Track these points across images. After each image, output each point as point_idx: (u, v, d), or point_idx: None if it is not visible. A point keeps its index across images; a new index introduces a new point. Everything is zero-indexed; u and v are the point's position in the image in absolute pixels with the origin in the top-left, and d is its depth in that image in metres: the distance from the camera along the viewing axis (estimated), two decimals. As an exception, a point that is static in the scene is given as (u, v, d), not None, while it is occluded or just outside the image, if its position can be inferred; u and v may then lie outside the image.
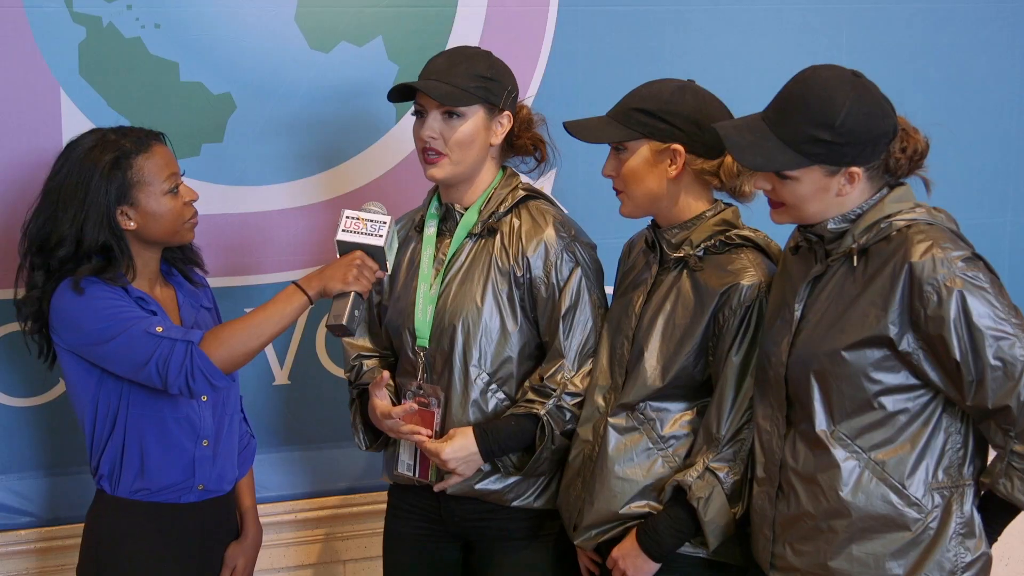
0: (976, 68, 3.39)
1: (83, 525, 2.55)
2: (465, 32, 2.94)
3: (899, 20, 3.29)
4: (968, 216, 2.19)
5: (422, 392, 2.51)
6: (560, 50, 3.02)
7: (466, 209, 2.53)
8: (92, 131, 2.44)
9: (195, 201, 2.46)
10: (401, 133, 2.96)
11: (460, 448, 2.45)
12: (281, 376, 2.98)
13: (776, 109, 2.13)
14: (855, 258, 2.11)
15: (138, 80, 2.73)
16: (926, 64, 3.31)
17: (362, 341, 2.66)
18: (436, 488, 2.52)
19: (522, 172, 2.60)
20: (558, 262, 2.45)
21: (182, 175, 2.45)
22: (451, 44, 2.93)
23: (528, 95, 2.89)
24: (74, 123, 2.66)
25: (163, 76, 2.74)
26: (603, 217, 2.69)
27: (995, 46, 3.40)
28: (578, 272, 2.46)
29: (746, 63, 3.13)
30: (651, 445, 2.37)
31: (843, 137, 2.06)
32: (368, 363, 2.63)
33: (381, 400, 2.50)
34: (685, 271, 2.36)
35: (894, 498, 2.09)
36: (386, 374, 2.51)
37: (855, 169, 2.09)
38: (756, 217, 2.42)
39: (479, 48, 2.53)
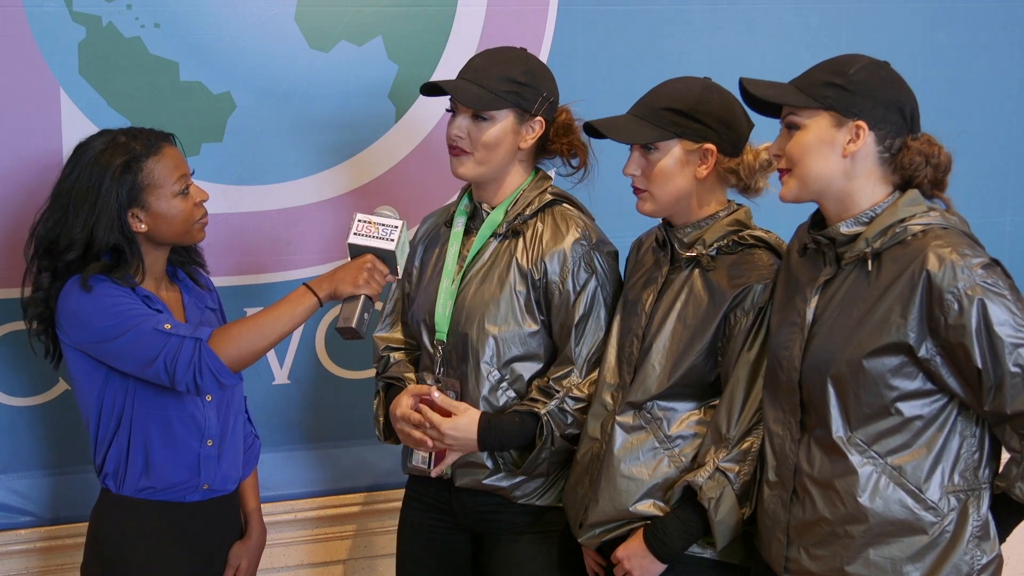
0: (976, 68, 3.39)
1: (84, 524, 2.56)
2: (465, 32, 2.94)
3: (899, 20, 3.30)
4: (968, 216, 2.19)
5: (440, 385, 2.53)
6: (560, 50, 3.02)
7: (493, 208, 2.54)
8: (102, 133, 2.43)
9: (205, 201, 2.46)
10: (401, 133, 2.96)
11: (461, 428, 2.46)
12: (281, 376, 2.99)
13: (804, 71, 2.17)
14: (869, 262, 2.11)
15: (138, 80, 2.73)
16: (926, 64, 3.31)
17: (392, 333, 2.68)
18: (432, 473, 2.53)
19: (561, 175, 2.60)
20: (575, 269, 2.47)
21: (192, 175, 2.45)
22: (451, 44, 2.93)
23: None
24: (74, 123, 2.66)
25: (163, 76, 2.74)
26: (606, 215, 2.69)
27: (995, 46, 3.40)
28: (594, 281, 2.48)
29: (746, 63, 3.12)
30: (657, 444, 2.37)
31: (854, 85, 2.09)
32: (396, 355, 2.66)
33: (405, 406, 2.52)
34: (697, 270, 2.37)
35: (911, 502, 2.09)
36: (423, 389, 2.52)
37: (862, 124, 2.09)
38: (765, 217, 2.43)
39: (522, 51, 2.53)
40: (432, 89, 2.51)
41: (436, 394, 2.50)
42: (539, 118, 2.50)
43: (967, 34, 3.36)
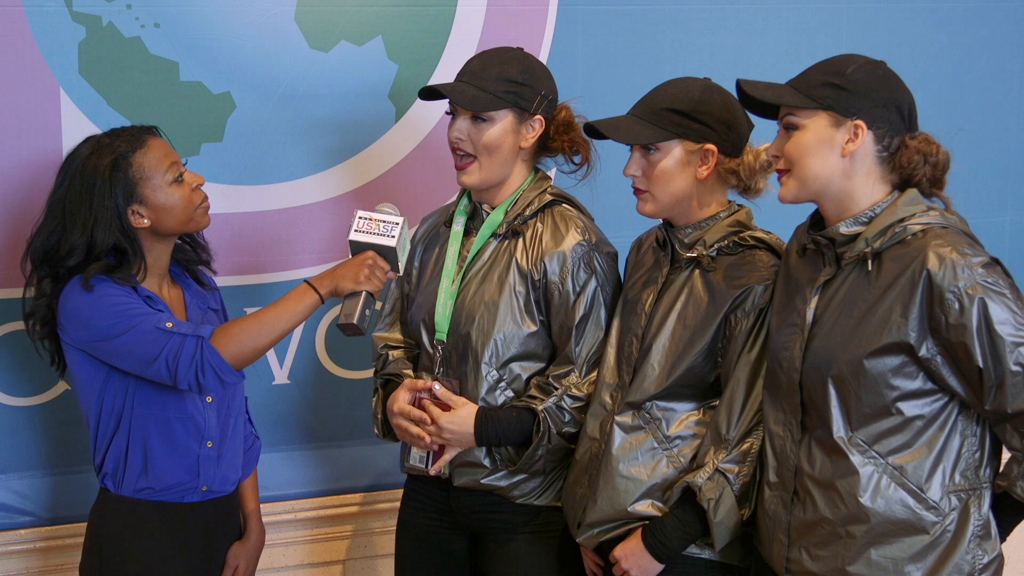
0: (976, 67, 3.40)
1: (84, 524, 2.55)
2: (465, 32, 2.94)
3: (899, 19, 3.30)
4: (968, 216, 2.19)
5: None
6: (560, 50, 3.03)
7: (493, 208, 2.54)
8: (87, 139, 2.43)
9: (202, 185, 2.46)
10: (401, 133, 2.96)
11: (458, 422, 2.47)
12: (281, 376, 2.99)
13: (801, 72, 2.17)
14: (869, 262, 2.11)
15: (138, 80, 2.73)
16: (926, 64, 3.31)
17: (391, 332, 2.69)
18: (431, 471, 2.53)
19: (564, 172, 2.61)
20: (575, 269, 2.47)
21: (184, 164, 2.45)
22: (451, 44, 2.93)
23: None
24: (74, 123, 2.67)
25: (163, 75, 2.74)
26: (607, 214, 2.70)
27: (995, 45, 3.41)
28: (594, 281, 2.48)
29: (745, 62, 3.13)
30: (656, 445, 2.37)
31: (852, 85, 2.09)
32: (394, 354, 2.66)
33: (403, 401, 2.53)
34: (697, 271, 2.37)
35: (912, 502, 2.09)
36: (420, 384, 2.53)
37: (860, 123, 2.09)
38: (766, 218, 2.43)
39: (519, 50, 2.54)
40: (430, 93, 2.51)
41: (437, 386, 2.51)
42: (538, 116, 2.50)
43: (967, 33, 3.37)
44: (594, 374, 2.48)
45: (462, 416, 2.48)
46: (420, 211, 2.78)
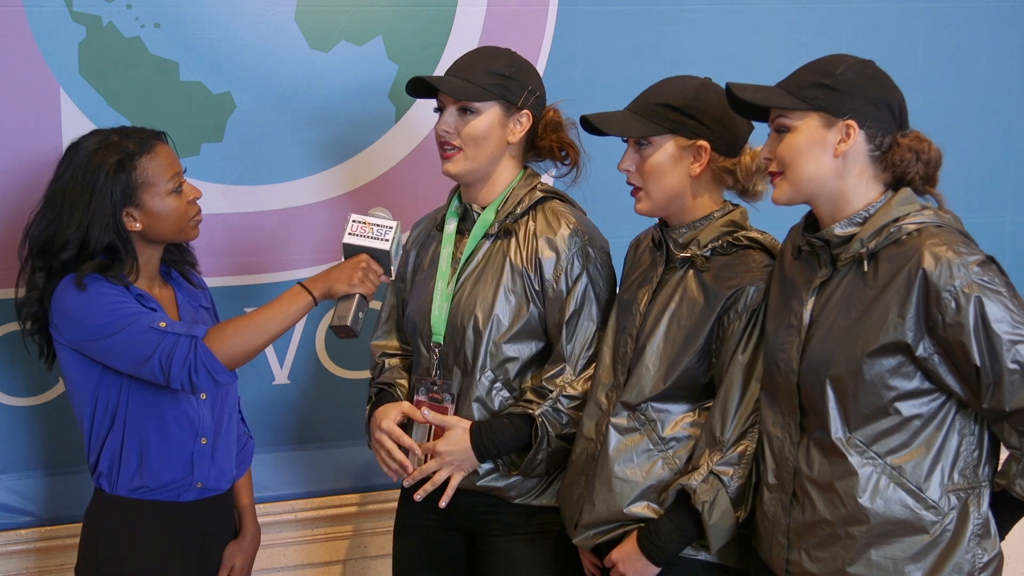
0: (976, 67, 3.40)
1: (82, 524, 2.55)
2: (465, 32, 2.94)
3: (899, 19, 3.30)
4: (968, 216, 2.19)
5: (436, 388, 2.53)
6: (560, 50, 3.03)
7: (484, 209, 2.54)
8: (94, 132, 2.44)
9: (198, 199, 2.47)
10: (401, 133, 2.96)
11: (454, 442, 2.48)
12: (281, 376, 2.99)
13: (790, 74, 2.17)
14: (865, 263, 2.11)
15: (138, 79, 2.73)
16: (926, 64, 3.31)
17: (388, 340, 2.70)
18: (441, 504, 2.53)
19: (554, 177, 2.61)
20: (568, 266, 2.47)
21: (184, 173, 2.46)
22: (451, 44, 2.94)
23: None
24: (74, 123, 2.67)
25: (163, 75, 2.74)
26: (604, 215, 2.69)
27: (995, 45, 3.41)
28: (585, 277, 2.48)
29: (745, 62, 3.13)
30: (651, 446, 2.36)
31: (842, 85, 2.09)
32: (391, 362, 2.66)
33: (393, 421, 2.55)
34: (691, 271, 2.36)
35: (911, 502, 2.08)
36: (405, 407, 2.56)
37: (851, 123, 2.09)
38: (763, 220, 2.43)
39: (506, 48, 2.55)
40: (418, 88, 2.51)
41: (426, 411, 2.51)
42: (526, 111, 2.51)
43: (967, 33, 3.37)
44: (589, 371, 2.47)
45: (456, 436, 2.48)
46: (419, 211, 2.78)
